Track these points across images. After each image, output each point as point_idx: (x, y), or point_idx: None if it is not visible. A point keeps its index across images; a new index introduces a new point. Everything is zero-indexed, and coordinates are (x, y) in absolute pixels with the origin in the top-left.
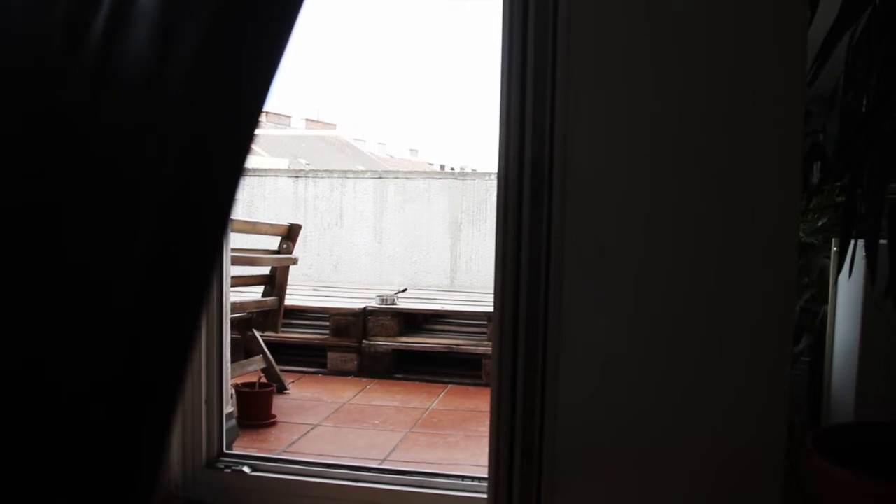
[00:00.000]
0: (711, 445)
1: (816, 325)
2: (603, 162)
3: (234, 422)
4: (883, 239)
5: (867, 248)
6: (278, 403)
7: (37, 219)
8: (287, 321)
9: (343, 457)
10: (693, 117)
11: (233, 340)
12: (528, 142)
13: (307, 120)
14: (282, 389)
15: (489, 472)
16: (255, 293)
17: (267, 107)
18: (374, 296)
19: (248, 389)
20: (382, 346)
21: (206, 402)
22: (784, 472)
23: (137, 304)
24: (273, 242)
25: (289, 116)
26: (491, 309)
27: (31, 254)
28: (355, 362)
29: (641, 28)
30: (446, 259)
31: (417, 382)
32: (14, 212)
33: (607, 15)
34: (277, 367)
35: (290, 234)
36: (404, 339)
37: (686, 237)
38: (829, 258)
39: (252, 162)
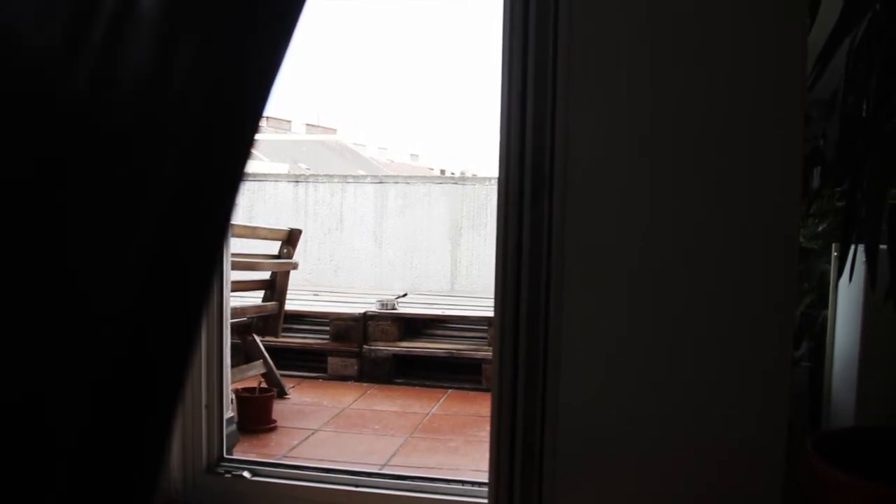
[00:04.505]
0: (712, 446)
1: (817, 329)
2: (603, 164)
3: (234, 426)
4: (883, 244)
5: (867, 252)
6: (278, 408)
7: (38, 222)
8: (287, 326)
9: (343, 462)
10: (693, 120)
11: (233, 345)
12: (529, 144)
13: (307, 124)
14: (282, 394)
15: (490, 477)
16: (255, 298)
17: (267, 110)
18: (374, 300)
19: (248, 394)
20: (383, 350)
21: (207, 406)
22: (784, 474)
23: (137, 306)
24: (273, 247)
25: (289, 121)
26: (491, 314)
27: (30, 254)
28: (355, 367)
29: (641, 31)
30: (446, 264)
31: (418, 387)
32: (15, 221)
33: (608, 18)
34: (278, 372)
35: (291, 238)
36: (404, 343)
37: (686, 240)
38: (829, 263)
39: (252, 166)
